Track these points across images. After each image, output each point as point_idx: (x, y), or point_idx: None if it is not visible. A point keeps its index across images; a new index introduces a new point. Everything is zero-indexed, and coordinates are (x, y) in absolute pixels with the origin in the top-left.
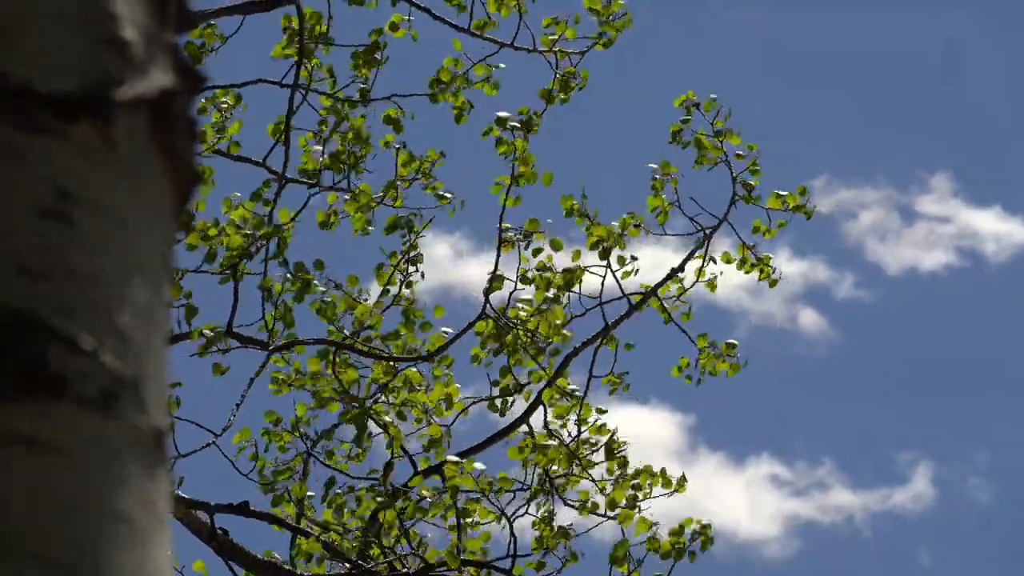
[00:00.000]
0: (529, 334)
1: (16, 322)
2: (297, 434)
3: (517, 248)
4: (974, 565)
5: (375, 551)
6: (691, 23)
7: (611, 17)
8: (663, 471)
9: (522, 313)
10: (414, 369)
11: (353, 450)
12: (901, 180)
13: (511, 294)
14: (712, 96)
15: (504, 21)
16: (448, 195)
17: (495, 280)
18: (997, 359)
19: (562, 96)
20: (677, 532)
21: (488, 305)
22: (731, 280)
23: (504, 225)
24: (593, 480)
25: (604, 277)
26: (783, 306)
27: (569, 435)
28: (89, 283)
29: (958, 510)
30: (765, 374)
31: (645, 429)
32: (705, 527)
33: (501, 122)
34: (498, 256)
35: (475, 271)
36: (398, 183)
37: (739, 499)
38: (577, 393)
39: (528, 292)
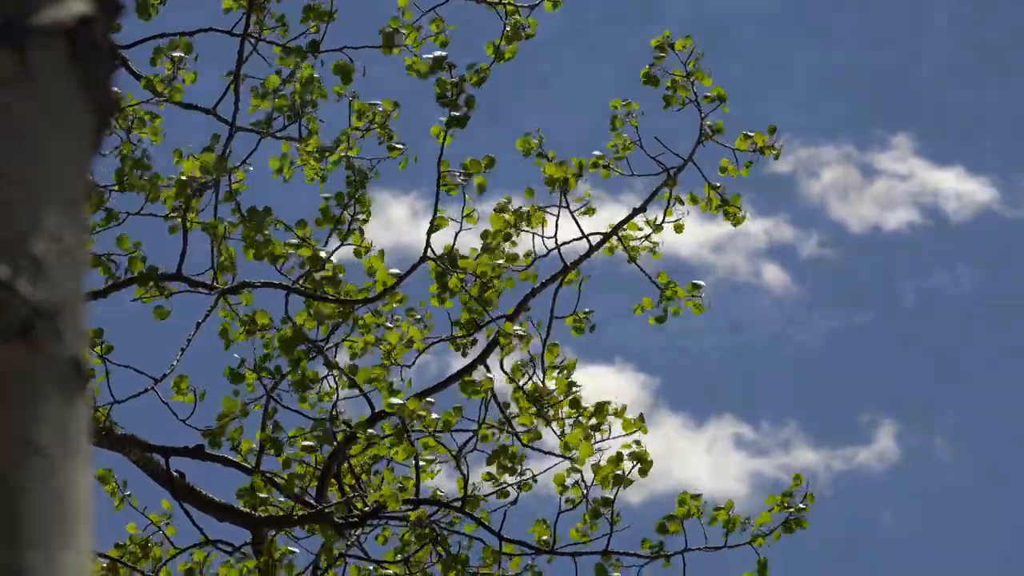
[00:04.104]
0: (471, 277)
1: None
2: (264, 374)
3: (461, 190)
4: (935, 524)
5: (334, 489)
6: None
7: None
8: (624, 408)
9: (466, 258)
10: (370, 314)
11: (324, 389)
12: (861, 139)
13: (456, 234)
14: (687, 36)
15: None
16: (400, 146)
17: (437, 220)
18: (961, 318)
19: (511, 49)
20: (615, 459)
21: (429, 247)
22: (696, 236)
23: (445, 164)
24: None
25: (558, 216)
26: (747, 262)
27: (527, 378)
28: (3, 213)
29: (922, 469)
30: (730, 333)
31: (610, 388)
32: (642, 452)
33: (439, 62)
34: (437, 195)
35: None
36: (351, 133)
37: (702, 459)
38: (518, 332)
39: (473, 232)
